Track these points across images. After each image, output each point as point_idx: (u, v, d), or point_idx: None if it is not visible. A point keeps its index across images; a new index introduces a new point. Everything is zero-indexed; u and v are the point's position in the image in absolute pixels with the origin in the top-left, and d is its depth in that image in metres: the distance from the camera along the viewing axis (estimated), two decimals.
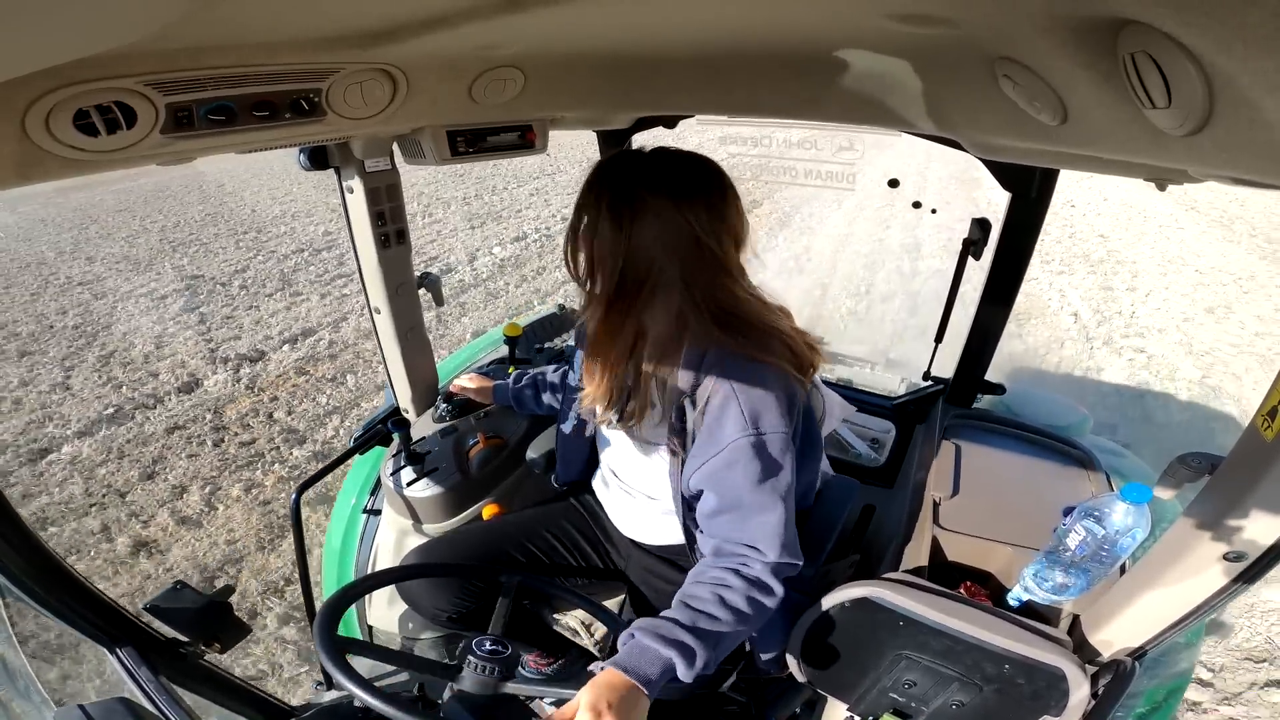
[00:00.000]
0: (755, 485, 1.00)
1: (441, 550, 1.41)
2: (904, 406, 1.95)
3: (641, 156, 1.07)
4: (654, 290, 1.05)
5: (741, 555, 1.03)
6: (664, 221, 1.01)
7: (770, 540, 1.01)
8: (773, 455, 1.01)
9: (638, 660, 0.90)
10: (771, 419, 1.01)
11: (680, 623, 0.94)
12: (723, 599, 0.98)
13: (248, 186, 10.86)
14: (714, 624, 0.96)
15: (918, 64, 0.88)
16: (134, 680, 0.91)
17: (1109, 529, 0.97)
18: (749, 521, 1.02)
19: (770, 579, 1.01)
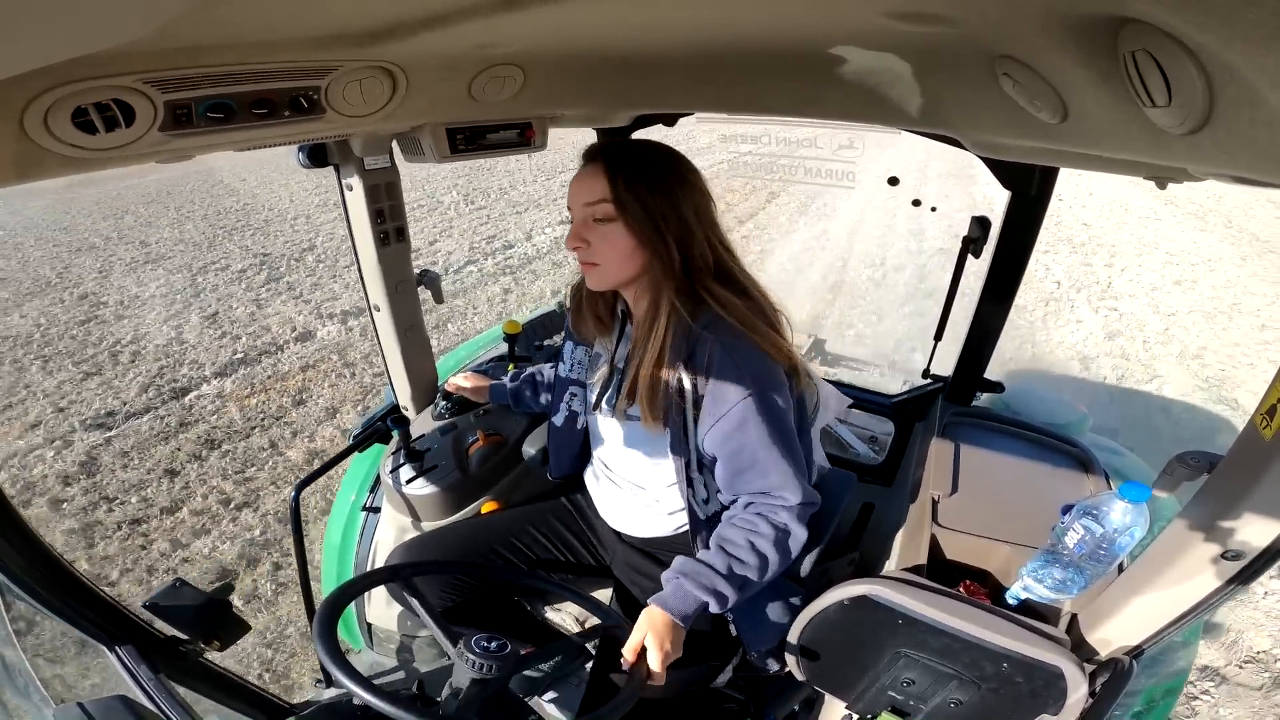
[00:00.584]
0: (768, 441, 1.08)
1: (429, 546, 1.42)
2: (903, 405, 1.95)
3: (641, 143, 1.17)
4: (691, 254, 1.13)
5: (769, 504, 1.11)
6: (697, 190, 1.14)
7: (792, 486, 1.10)
8: (778, 407, 1.10)
9: (679, 601, 1.04)
10: (768, 373, 1.10)
11: (716, 570, 1.06)
12: (754, 545, 1.08)
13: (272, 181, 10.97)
14: (744, 569, 1.07)
15: (918, 62, 0.88)
16: (133, 678, 0.91)
17: (1107, 527, 0.97)
18: (769, 476, 1.10)
19: (795, 524, 1.10)
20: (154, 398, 4.29)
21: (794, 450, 1.12)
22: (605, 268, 1.15)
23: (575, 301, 1.35)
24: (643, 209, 1.10)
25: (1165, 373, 4.51)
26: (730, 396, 1.08)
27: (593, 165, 1.13)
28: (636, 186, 1.09)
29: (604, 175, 1.10)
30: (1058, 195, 1.45)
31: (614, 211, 1.10)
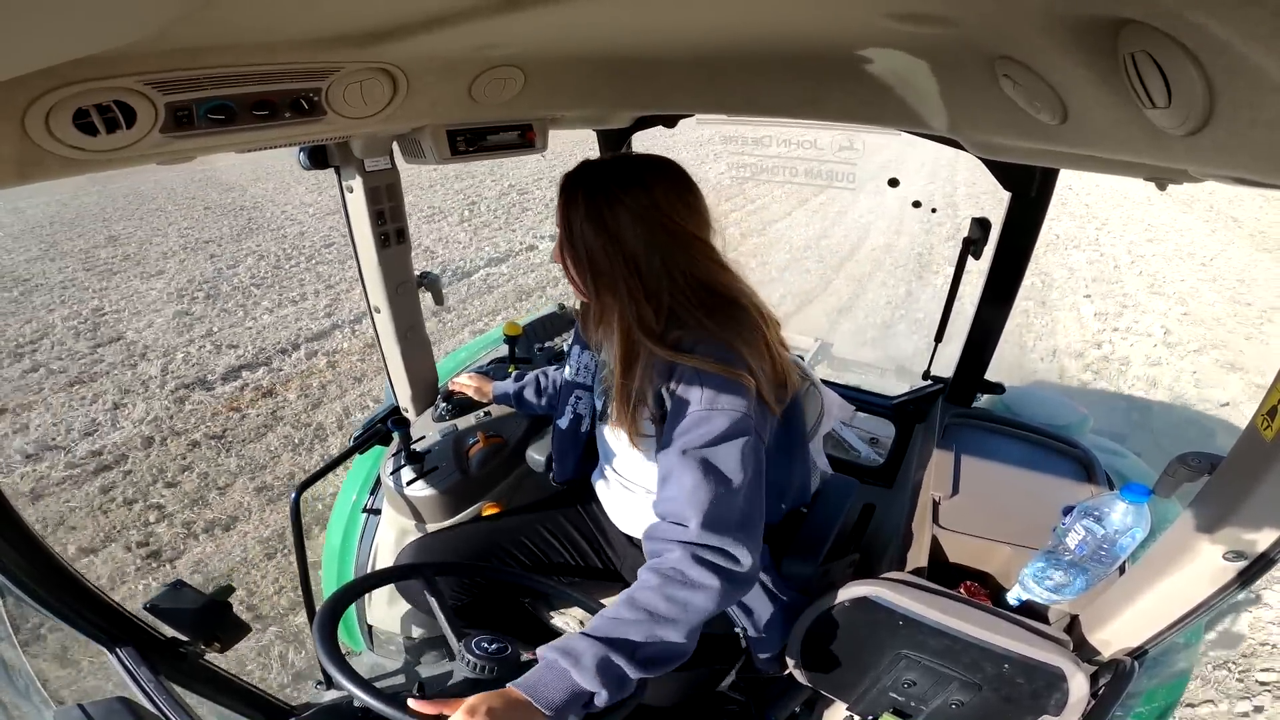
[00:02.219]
0: (696, 452, 0.96)
1: (437, 547, 1.41)
2: (903, 406, 1.95)
3: (606, 160, 1.11)
4: (643, 279, 1.07)
5: (666, 537, 0.96)
6: (641, 211, 1.04)
7: (695, 510, 0.93)
8: (723, 429, 0.97)
9: (535, 676, 0.83)
10: (730, 398, 0.99)
11: (585, 631, 0.88)
12: (633, 599, 0.90)
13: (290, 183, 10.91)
14: (618, 627, 0.87)
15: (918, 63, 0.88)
16: (134, 680, 0.91)
17: (1108, 528, 0.97)
18: (681, 490, 0.96)
19: (691, 567, 0.91)
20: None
21: (720, 479, 0.95)
22: (573, 285, 1.16)
23: (584, 310, 1.35)
24: (573, 240, 1.09)
25: (1130, 289, 6.30)
26: (689, 404, 1.00)
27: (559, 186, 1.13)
28: (575, 214, 1.07)
29: (559, 197, 1.11)
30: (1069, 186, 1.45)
31: (561, 234, 1.11)
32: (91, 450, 3.75)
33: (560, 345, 2.29)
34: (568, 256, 1.11)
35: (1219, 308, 5.81)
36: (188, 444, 3.83)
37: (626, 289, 1.06)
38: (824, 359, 4.19)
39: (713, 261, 1.10)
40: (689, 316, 1.05)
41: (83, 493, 3.40)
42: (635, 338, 1.06)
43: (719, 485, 0.95)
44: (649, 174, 1.07)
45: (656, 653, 0.89)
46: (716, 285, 1.09)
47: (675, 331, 1.05)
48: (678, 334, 1.05)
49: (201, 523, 3.19)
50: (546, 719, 0.80)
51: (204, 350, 5.00)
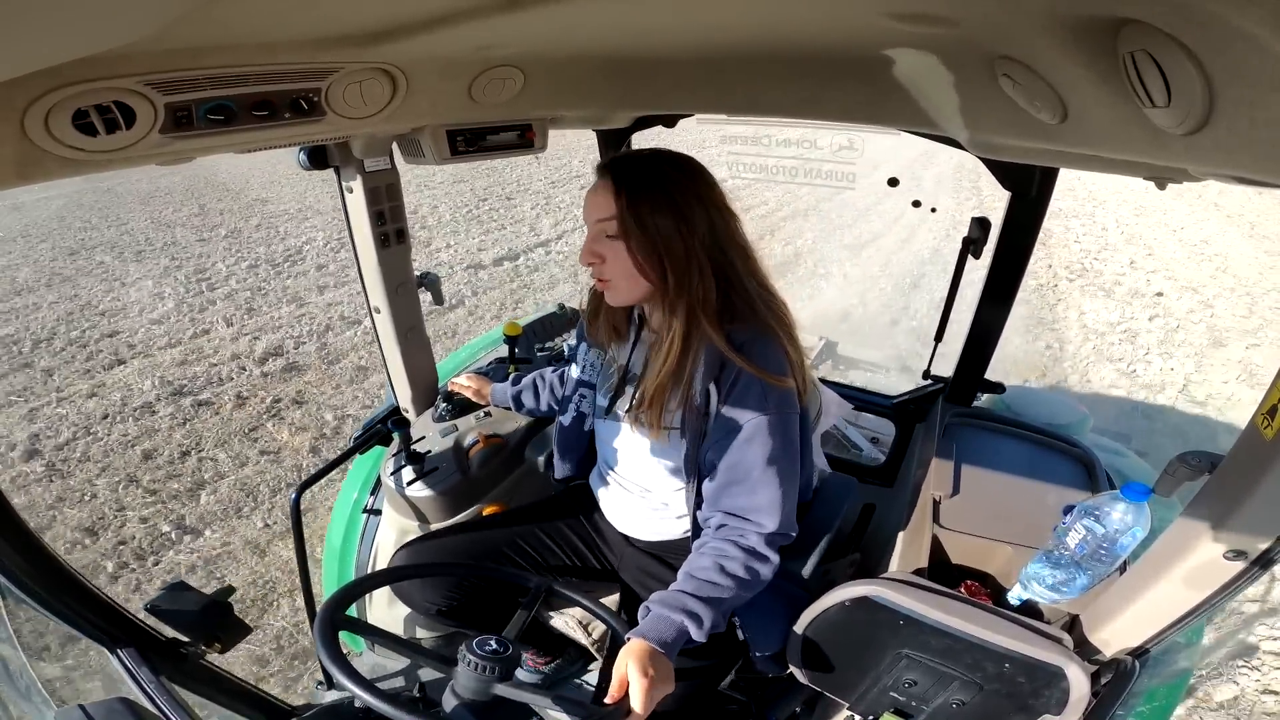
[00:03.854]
0: (767, 461, 1.08)
1: (432, 547, 1.41)
2: (904, 405, 1.95)
3: (647, 153, 1.14)
4: (711, 277, 1.11)
5: (740, 528, 1.09)
6: (705, 199, 1.10)
7: (771, 512, 1.08)
8: (787, 434, 1.10)
9: (657, 628, 1.00)
10: (788, 401, 1.10)
11: (687, 592, 1.04)
12: (723, 567, 1.06)
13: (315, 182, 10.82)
14: (715, 590, 1.04)
15: (918, 63, 0.88)
16: (135, 680, 0.91)
17: (1109, 528, 0.97)
18: (756, 494, 1.09)
19: (765, 548, 1.08)
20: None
21: (789, 480, 1.11)
22: (617, 284, 1.14)
23: (591, 308, 1.34)
24: (646, 229, 1.08)
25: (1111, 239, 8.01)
26: (748, 413, 1.08)
27: (604, 180, 1.11)
28: (641, 205, 1.07)
29: (611, 192, 1.09)
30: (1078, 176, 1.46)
31: (618, 230, 1.09)
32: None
33: (560, 346, 2.29)
34: (637, 249, 1.09)
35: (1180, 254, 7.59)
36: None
37: (702, 274, 1.10)
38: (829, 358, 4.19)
39: (757, 261, 1.17)
40: (744, 308, 1.12)
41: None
42: (699, 324, 1.10)
43: (788, 490, 1.10)
44: (695, 165, 1.14)
45: (730, 609, 1.08)
46: (762, 279, 1.16)
47: (730, 324, 1.11)
48: (730, 326, 1.11)
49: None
50: (666, 655, 0.99)
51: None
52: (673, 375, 1.12)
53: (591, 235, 1.14)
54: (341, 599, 1.02)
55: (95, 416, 4.06)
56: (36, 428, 3.94)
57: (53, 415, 4.08)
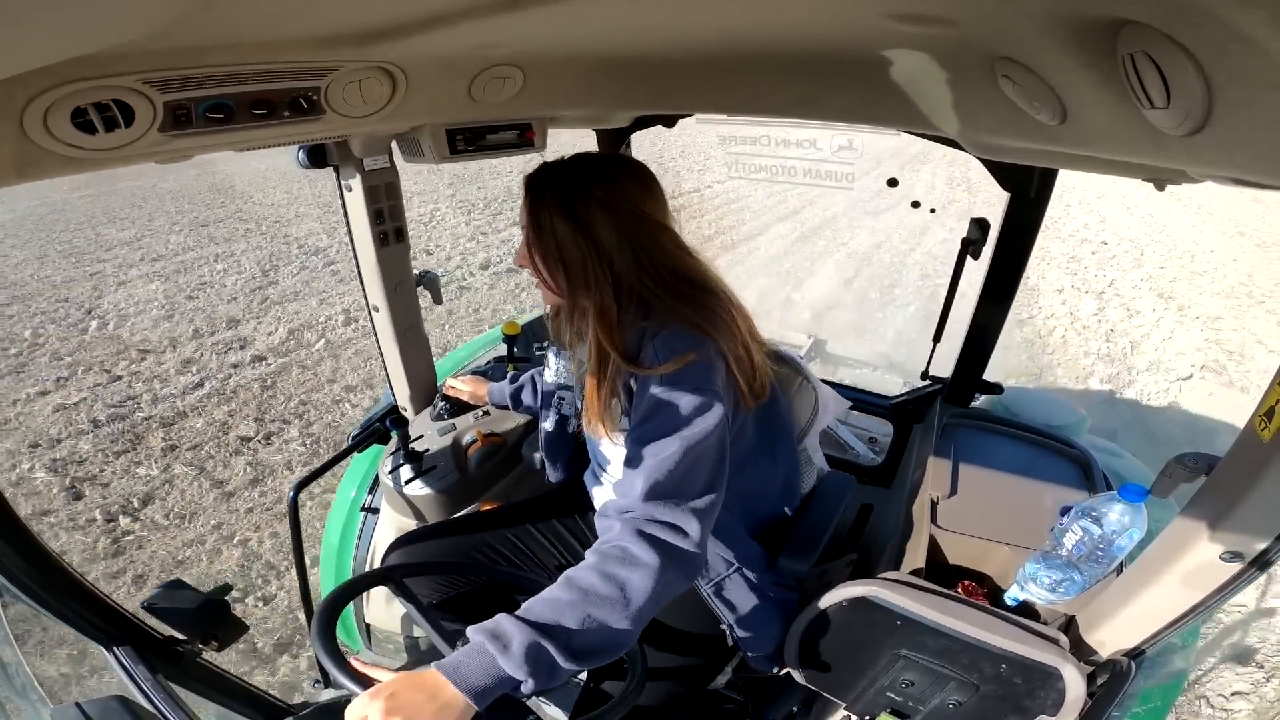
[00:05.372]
0: (660, 430, 0.94)
1: (423, 545, 1.42)
2: (902, 406, 1.95)
3: (570, 159, 1.11)
4: (616, 271, 1.07)
5: (610, 512, 0.94)
6: (611, 201, 1.05)
7: (644, 477, 0.90)
8: (688, 406, 0.95)
9: (458, 658, 0.78)
10: (694, 377, 0.97)
11: (515, 614, 0.82)
12: (570, 579, 0.85)
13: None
14: (552, 609, 0.82)
15: (917, 64, 0.88)
16: (131, 679, 0.91)
17: (1106, 529, 0.97)
18: (633, 464, 0.94)
19: (633, 541, 0.87)
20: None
21: (669, 449, 0.92)
22: (542, 286, 1.14)
23: (553, 311, 1.35)
24: (542, 237, 1.07)
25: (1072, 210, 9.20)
26: (647, 389, 0.99)
27: (523, 187, 1.12)
28: (541, 212, 1.07)
29: (525, 198, 1.10)
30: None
31: (527, 237, 1.10)
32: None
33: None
34: (537, 255, 1.09)
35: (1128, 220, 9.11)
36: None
37: (598, 282, 1.06)
38: (817, 356, 4.20)
39: (679, 248, 1.11)
40: (659, 303, 1.06)
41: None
42: (600, 337, 1.06)
43: (673, 456, 0.91)
44: (615, 168, 1.09)
45: (594, 641, 0.82)
46: (686, 271, 1.09)
47: (642, 321, 1.05)
48: (645, 322, 1.04)
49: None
50: (468, 705, 0.75)
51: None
52: (599, 380, 1.08)
53: (522, 239, 1.14)
54: (339, 598, 1.02)
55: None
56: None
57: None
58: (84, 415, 4.22)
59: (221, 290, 6.30)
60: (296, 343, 5.17)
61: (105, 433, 4.04)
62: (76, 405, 4.34)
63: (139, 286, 6.50)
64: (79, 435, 4.01)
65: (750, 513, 1.21)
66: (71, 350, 5.15)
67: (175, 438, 4.03)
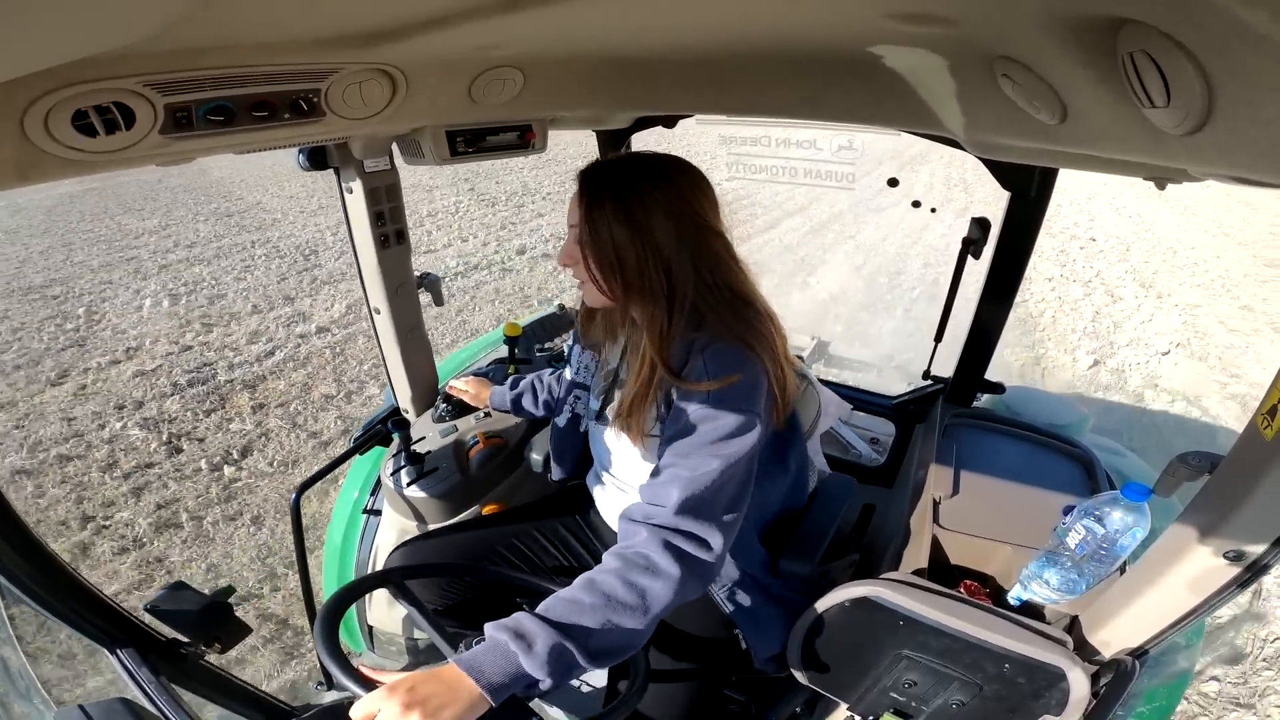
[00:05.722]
0: (699, 446, 0.95)
1: (430, 547, 1.41)
2: (904, 406, 1.94)
3: (626, 158, 1.10)
4: (673, 280, 1.05)
5: (638, 518, 0.95)
6: (671, 208, 1.03)
7: (680, 489, 0.91)
8: (731, 425, 0.96)
9: (478, 655, 0.79)
10: (738, 396, 0.99)
11: (536, 612, 0.84)
12: (592, 581, 0.87)
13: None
14: (574, 611, 0.84)
15: (917, 63, 0.88)
16: (134, 681, 0.91)
17: (1109, 528, 0.97)
18: (670, 471, 0.95)
19: (658, 552, 0.88)
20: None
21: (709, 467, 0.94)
22: (590, 287, 1.12)
23: (587, 308, 1.34)
24: (601, 238, 1.05)
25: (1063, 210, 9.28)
26: (692, 402, 0.99)
27: (578, 186, 1.11)
28: (599, 214, 1.04)
29: (578, 198, 1.08)
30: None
31: (579, 237, 1.08)
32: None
33: (560, 346, 2.29)
34: (592, 258, 1.06)
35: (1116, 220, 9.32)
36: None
37: (654, 289, 1.04)
38: (820, 357, 4.20)
39: (733, 260, 1.10)
40: (712, 315, 1.05)
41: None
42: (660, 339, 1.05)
43: (711, 474, 0.93)
44: (673, 170, 1.07)
45: (611, 642, 0.85)
46: (738, 284, 1.09)
47: (692, 333, 1.04)
48: (695, 333, 1.04)
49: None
50: (484, 700, 0.76)
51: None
52: (646, 383, 1.07)
53: (569, 238, 1.12)
54: (341, 600, 1.02)
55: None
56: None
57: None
58: (164, 380, 4.51)
59: (268, 272, 6.62)
60: (355, 316, 5.44)
61: (190, 394, 4.33)
62: (154, 371, 4.64)
63: (182, 270, 6.77)
64: (163, 397, 4.30)
65: (760, 517, 1.22)
66: (130, 325, 5.44)
67: (261, 397, 4.29)
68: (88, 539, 3.10)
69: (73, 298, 6.07)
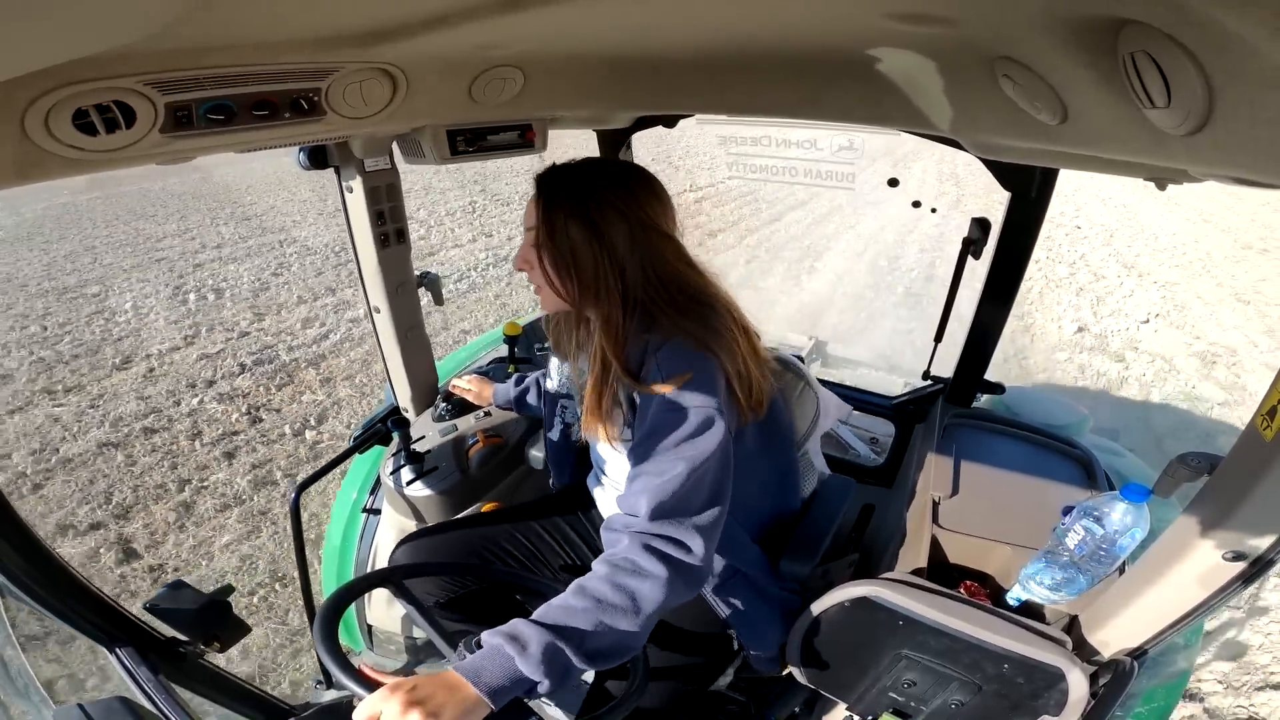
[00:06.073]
0: (662, 448, 0.96)
1: (431, 543, 1.41)
2: (903, 406, 1.94)
3: (582, 162, 1.11)
4: (626, 281, 1.06)
5: (618, 528, 0.96)
6: (625, 211, 1.05)
7: (650, 497, 0.92)
8: (690, 424, 0.97)
9: (477, 659, 0.82)
10: (694, 394, 0.98)
11: (531, 618, 0.86)
12: (582, 587, 0.89)
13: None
14: (566, 614, 0.86)
15: (918, 64, 0.88)
16: (133, 679, 0.91)
17: (1108, 528, 0.97)
18: (640, 480, 0.96)
19: (641, 555, 0.90)
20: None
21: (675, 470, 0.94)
22: (546, 291, 1.12)
23: (551, 320, 1.34)
24: (555, 241, 1.06)
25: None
26: (650, 406, 1.00)
27: (535, 189, 1.11)
28: (554, 217, 1.05)
29: (538, 200, 1.09)
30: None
31: (535, 239, 1.08)
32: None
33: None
34: (548, 259, 1.08)
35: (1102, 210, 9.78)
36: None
37: (609, 291, 1.05)
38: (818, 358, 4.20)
39: (686, 263, 1.11)
40: (663, 317, 1.05)
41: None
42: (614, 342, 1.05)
43: (678, 477, 0.93)
44: (627, 175, 1.09)
45: (606, 644, 0.87)
46: (691, 285, 1.09)
47: (644, 334, 1.05)
48: (648, 335, 1.04)
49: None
50: (483, 703, 0.78)
51: None
52: (600, 388, 1.08)
53: (525, 242, 1.13)
54: (341, 599, 1.02)
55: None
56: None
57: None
58: (230, 361, 4.85)
59: (304, 267, 6.93)
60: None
61: (258, 372, 4.68)
62: (218, 354, 4.98)
63: (218, 268, 7.01)
64: (232, 376, 4.65)
65: (750, 516, 1.21)
66: (181, 317, 5.76)
67: (326, 373, 4.62)
68: (189, 499, 3.39)
69: (114, 295, 6.29)
